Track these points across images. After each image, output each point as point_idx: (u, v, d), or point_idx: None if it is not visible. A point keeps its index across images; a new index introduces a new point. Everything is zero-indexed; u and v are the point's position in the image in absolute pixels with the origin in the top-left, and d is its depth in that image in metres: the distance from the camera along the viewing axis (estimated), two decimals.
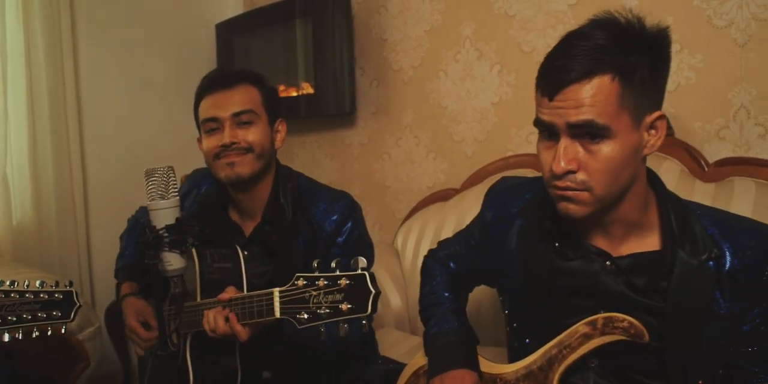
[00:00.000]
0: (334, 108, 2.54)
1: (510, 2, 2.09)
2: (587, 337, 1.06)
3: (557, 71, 0.97)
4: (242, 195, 1.46)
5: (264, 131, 1.42)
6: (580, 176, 0.98)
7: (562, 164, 0.97)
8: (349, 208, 1.46)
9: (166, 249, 1.15)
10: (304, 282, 1.04)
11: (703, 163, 1.69)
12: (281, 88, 2.73)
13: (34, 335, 1.27)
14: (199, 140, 1.50)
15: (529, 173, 2.03)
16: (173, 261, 1.16)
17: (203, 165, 1.63)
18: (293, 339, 1.28)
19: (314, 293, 1.02)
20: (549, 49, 2.06)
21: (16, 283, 1.28)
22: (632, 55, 0.96)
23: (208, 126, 1.41)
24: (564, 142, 0.98)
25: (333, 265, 1.03)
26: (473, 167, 2.22)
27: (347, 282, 0.99)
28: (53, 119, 2.55)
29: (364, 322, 1.00)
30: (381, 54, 2.51)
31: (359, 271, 0.99)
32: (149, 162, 2.96)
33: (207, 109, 1.41)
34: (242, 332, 1.19)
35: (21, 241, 2.53)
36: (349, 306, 0.99)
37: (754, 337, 1.05)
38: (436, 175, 2.37)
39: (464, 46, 2.24)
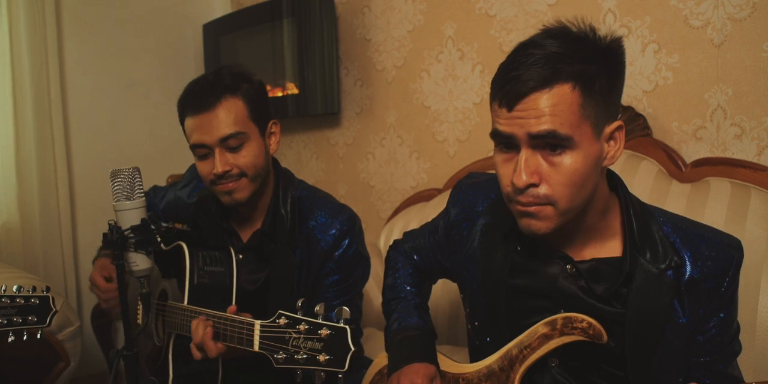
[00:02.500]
0: (319, 108, 2.54)
1: (491, 2, 2.09)
2: (547, 337, 1.06)
3: (514, 81, 0.94)
4: (242, 209, 1.46)
5: (256, 148, 1.38)
6: (543, 190, 0.95)
7: (524, 177, 0.94)
8: (348, 224, 1.44)
9: (132, 250, 1.14)
10: (286, 321, 1.01)
11: (680, 163, 1.68)
12: (267, 88, 2.73)
13: (9, 339, 1.27)
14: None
15: None
16: (139, 262, 1.16)
17: (188, 166, 1.63)
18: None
19: (294, 335, 0.99)
20: None
21: None
22: (590, 64, 0.94)
23: (198, 152, 1.37)
24: (525, 154, 0.95)
25: (317, 308, 0.99)
26: (455, 167, 2.22)
27: (328, 332, 0.96)
28: (38, 120, 2.56)
29: (340, 375, 0.96)
30: (365, 54, 2.51)
31: (341, 324, 0.96)
32: (135, 162, 2.96)
33: (192, 133, 1.36)
34: (212, 349, 1.19)
35: (6, 241, 2.53)
36: (327, 357, 0.95)
37: (708, 348, 1.05)
38: (420, 175, 2.37)
39: (446, 46, 2.24)
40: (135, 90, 2.93)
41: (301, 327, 0.99)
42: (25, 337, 1.28)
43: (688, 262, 1.02)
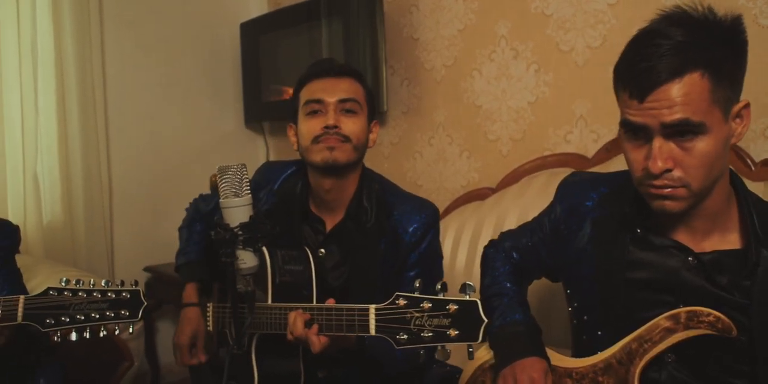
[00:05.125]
0: None
1: (547, 2, 2.11)
2: (669, 331, 1.07)
3: (646, 73, 0.97)
4: (330, 183, 1.43)
5: (363, 124, 1.43)
6: (677, 173, 0.99)
7: (659, 163, 0.98)
8: (432, 218, 1.46)
9: (240, 247, 1.14)
10: (405, 302, 1.02)
11: (749, 161, 1.70)
12: None
13: (101, 334, 1.25)
14: (291, 126, 1.50)
15: (568, 172, 2.04)
16: (247, 259, 1.15)
17: (231, 163, 1.59)
18: (371, 358, 1.28)
19: (417, 315, 1.00)
20: (589, 49, 2.07)
21: (81, 282, 1.28)
22: (716, 49, 0.97)
23: (312, 107, 1.41)
24: (658, 142, 0.99)
25: (438, 286, 1.01)
26: (509, 166, 2.22)
27: (456, 307, 0.98)
28: (83, 118, 2.54)
29: (470, 349, 0.98)
30: (412, 53, 2.51)
31: (469, 298, 0.98)
32: (173, 160, 2.99)
33: (314, 91, 1.42)
34: (317, 343, 1.18)
35: (51, 240, 2.51)
36: (457, 332, 0.97)
37: None
38: (470, 174, 2.38)
39: (499, 46, 2.25)
40: (174, 88, 2.92)
41: (425, 305, 1.01)
42: (117, 332, 1.27)
43: None
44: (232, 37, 3.08)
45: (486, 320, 0.98)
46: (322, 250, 1.47)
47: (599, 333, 1.17)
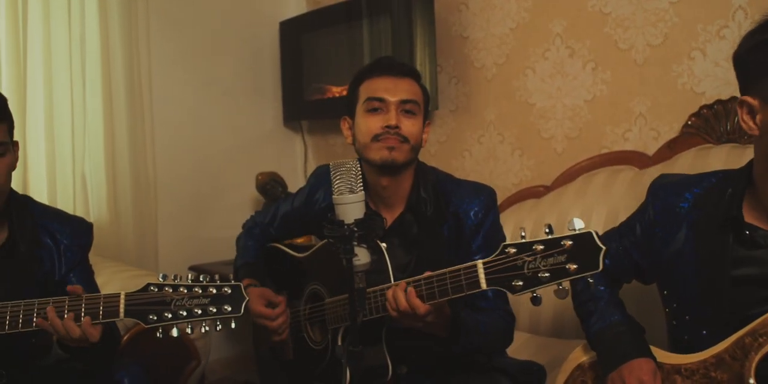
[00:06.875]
0: None
1: (605, 0, 2.11)
2: None
3: None
4: (388, 181, 1.44)
5: (421, 125, 1.44)
6: None
7: None
8: (491, 199, 1.48)
9: (355, 243, 1.14)
10: (515, 250, 1.03)
11: None
12: None
13: (203, 330, 1.25)
14: (346, 120, 1.50)
15: (627, 170, 2.06)
16: (361, 256, 1.15)
17: (269, 162, 1.57)
18: (466, 330, 1.28)
19: (528, 259, 1.01)
20: (649, 47, 2.06)
21: (179, 277, 1.27)
22: None
23: (372, 104, 1.41)
24: None
25: (546, 230, 1.02)
26: (564, 164, 2.23)
27: (571, 242, 0.98)
28: (129, 118, 2.53)
29: (590, 280, 0.99)
30: (461, 51, 2.52)
31: (581, 231, 0.98)
32: (215, 159, 2.98)
33: (375, 89, 1.43)
34: (420, 307, 1.16)
35: (97, 239, 2.48)
36: (575, 266, 0.97)
37: None
38: (523, 172, 2.38)
39: (554, 44, 2.25)
40: (215, 87, 2.91)
41: (537, 247, 1.01)
42: (218, 327, 1.26)
43: None
44: (271, 35, 3.08)
45: (603, 247, 0.97)
46: (384, 244, 1.48)
47: (704, 332, 1.18)
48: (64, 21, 2.37)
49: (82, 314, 1.24)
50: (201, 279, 1.27)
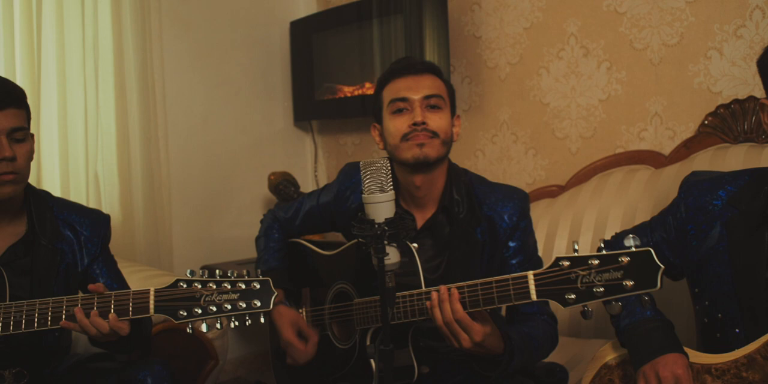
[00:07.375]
0: None
1: (620, 0, 2.12)
2: None
3: None
4: (421, 179, 1.43)
5: (449, 119, 1.44)
6: None
7: None
8: (524, 203, 1.47)
9: (386, 242, 1.14)
10: (568, 263, 1.03)
11: None
12: (367, 85, 2.73)
13: (233, 325, 1.24)
14: (375, 127, 1.50)
15: (643, 170, 2.06)
16: (392, 255, 1.15)
17: (279, 162, 1.55)
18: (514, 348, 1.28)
19: (582, 273, 1.01)
20: (665, 46, 2.06)
21: (206, 273, 1.26)
22: None
23: (397, 106, 1.41)
24: None
25: (602, 245, 1.03)
26: (579, 164, 2.23)
27: (628, 259, 0.99)
28: (142, 117, 2.53)
29: (646, 298, 1.00)
30: (474, 51, 2.52)
31: (640, 248, 0.99)
32: (226, 158, 2.98)
33: (397, 90, 1.43)
34: (467, 319, 1.16)
35: (112, 238, 2.48)
36: (632, 283, 0.98)
37: None
38: (537, 172, 2.38)
39: (568, 43, 2.25)
40: (226, 86, 2.91)
41: (593, 262, 1.01)
42: (247, 322, 1.25)
43: None
44: (282, 35, 3.08)
45: (662, 266, 0.98)
46: (415, 245, 1.47)
47: (737, 330, 1.18)
48: (77, 21, 2.37)
49: (111, 312, 1.24)
50: (229, 274, 1.26)
